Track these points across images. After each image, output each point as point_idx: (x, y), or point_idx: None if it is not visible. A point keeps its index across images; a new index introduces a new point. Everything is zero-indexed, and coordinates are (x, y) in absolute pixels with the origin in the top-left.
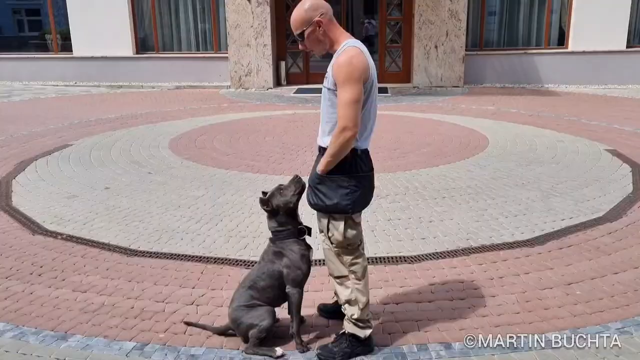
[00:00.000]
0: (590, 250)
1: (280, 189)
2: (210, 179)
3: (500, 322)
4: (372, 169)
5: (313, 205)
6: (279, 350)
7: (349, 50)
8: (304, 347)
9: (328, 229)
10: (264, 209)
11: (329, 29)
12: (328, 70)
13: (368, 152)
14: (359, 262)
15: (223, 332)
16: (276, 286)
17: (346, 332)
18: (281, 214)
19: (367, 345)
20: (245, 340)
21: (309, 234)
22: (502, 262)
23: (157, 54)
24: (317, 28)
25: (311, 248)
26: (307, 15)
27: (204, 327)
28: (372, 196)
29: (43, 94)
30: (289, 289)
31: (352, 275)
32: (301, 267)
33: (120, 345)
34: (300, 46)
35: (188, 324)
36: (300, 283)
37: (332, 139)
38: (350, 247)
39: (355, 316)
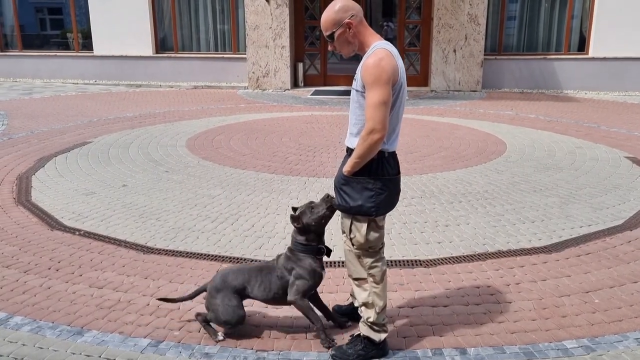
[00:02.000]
0: (609, 258)
1: (311, 206)
2: (226, 179)
3: (517, 329)
4: (399, 172)
5: (337, 206)
6: (220, 335)
7: (378, 52)
8: (329, 341)
9: (350, 230)
10: (294, 226)
11: (359, 30)
12: (357, 71)
13: (395, 154)
14: (378, 266)
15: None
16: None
17: (361, 334)
18: (311, 231)
19: (381, 349)
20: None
21: (328, 255)
22: (519, 268)
23: (176, 53)
24: (347, 30)
25: (324, 269)
26: (337, 17)
27: (174, 300)
28: (397, 200)
29: (63, 92)
30: (290, 297)
31: (371, 279)
32: (309, 279)
33: (135, 341)
34: (329, 47)
35: (162, 299)
36: (302, 292)
37: (360, 140)
38: (372, 249)
39: (371, 319)
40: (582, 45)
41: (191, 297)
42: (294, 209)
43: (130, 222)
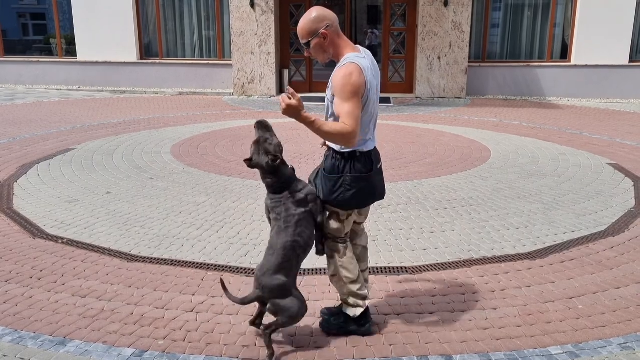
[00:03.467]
0: (592, 264)
1: (258, 142)
2: (212, 186)
3: (502, 335)
4: (371, 170)
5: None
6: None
7: (348, 67)
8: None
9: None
10: (264, 166)
11: (333, 40)
12: (330, 80)
13: (370, 154)
14: (338, 247)
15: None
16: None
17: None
18: (278, 165)
19: (362, 325)
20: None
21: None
22: (504, 275)
23: (161, 60)
24: (323, 39)
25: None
26: (313, 27)
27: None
28: (371, 199)
29: (46, 98)
30: (319, 219)
31: (337, 254)
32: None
33: (119, 351)
34: (305, 53)
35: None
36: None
37: (338, 126)
38: (330, 235)
39: (344, 290)
40: (565, 53)
41: (244, 302)
42: (249, 160)
43: (115, 230)
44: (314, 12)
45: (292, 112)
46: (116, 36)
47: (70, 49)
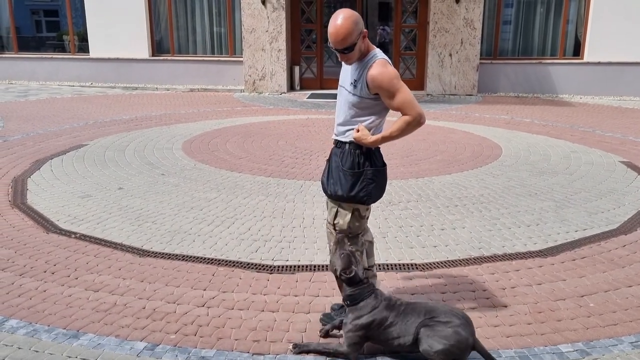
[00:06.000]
0: (604, 262)
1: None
2: (222, 182)
3: (512, 333)
4: (384, 164)
5: (328, 195)
6: None
7: (382, 62)
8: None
9: (335, 217)
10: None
11: (365, 39)
12: (357, 78)
13: (379, 148)
14: (356, 248)
15: None
16: None
17: None
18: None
19: None
20: None
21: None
22: (515, 272)
23: (172, 56)
24: (362, 39)
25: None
26: (357, 28)
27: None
28: (384, 190)
29: (59, 94)
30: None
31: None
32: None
33: (131, 345)
34: (340, 57)
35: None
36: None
37: (403, 124)
38: (351, 234)
39: None
40: (577, 50)
41: None
42: (350, 274)
43: (126, 225)
44: (352, 14)
45: (362, 141)
46: (128, 33)
47: (82, 46)
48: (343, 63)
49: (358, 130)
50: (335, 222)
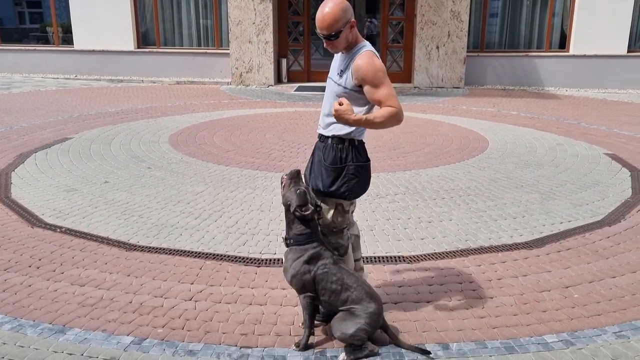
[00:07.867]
0: (589, 253)
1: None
2: (210, 175)
3: (498, 324)
4: (368, 160)
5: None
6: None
7: (368, 54)
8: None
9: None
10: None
11: (353, 29)
12: (344, 68)
13: (364, 143)
14: (341, 242)
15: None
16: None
17: None
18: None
19: None
20: None
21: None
22: (501, 264)
23: (158, 48)
24: (350, 28)
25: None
26: (345, 16)
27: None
28: (368, 186)
29: (43, 87)
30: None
31: (335, 252)
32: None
33: (118, 339)
34: (325, 45)
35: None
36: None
37: (384, 111)
38: (336, 229)
39: None
40: (563, 43)
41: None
42: (315, 205)
43: (113, 219)
44: (342, 1)
45: (344, 116)
46: (113, 25)
47: (67, 38)
48: (335, 55)
49: (341, 104)
50: (319, 216)
